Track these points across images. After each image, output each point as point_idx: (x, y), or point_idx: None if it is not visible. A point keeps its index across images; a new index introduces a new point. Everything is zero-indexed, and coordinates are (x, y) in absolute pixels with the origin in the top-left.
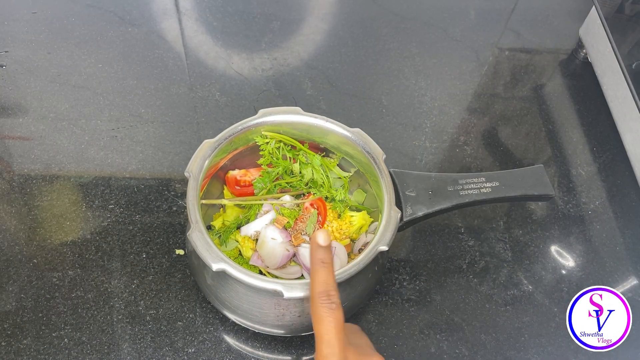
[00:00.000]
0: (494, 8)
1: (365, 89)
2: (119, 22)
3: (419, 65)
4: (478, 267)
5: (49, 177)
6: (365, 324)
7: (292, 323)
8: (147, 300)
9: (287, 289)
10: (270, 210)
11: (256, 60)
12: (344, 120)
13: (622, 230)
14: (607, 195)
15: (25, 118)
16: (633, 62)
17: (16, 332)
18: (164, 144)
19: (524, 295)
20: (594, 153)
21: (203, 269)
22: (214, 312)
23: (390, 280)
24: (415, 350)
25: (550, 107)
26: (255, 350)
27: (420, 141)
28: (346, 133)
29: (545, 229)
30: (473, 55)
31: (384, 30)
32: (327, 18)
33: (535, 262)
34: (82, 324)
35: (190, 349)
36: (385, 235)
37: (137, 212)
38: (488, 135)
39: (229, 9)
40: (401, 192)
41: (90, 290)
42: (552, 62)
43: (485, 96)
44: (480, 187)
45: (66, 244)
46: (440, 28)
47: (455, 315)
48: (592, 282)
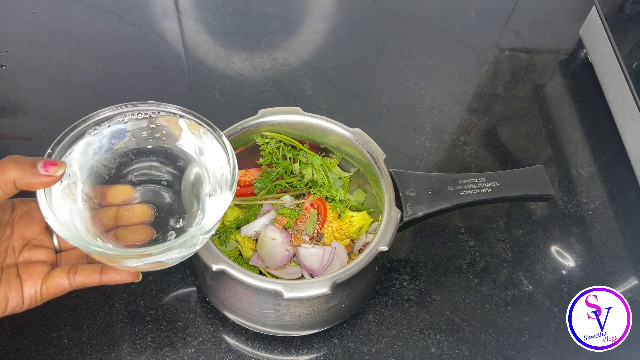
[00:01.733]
0: (494, 8)
1: (365, 89)
2: (119, 22)
3: (419, 65)
4: (478, 267)
5: None
6: (365, 324)
7: (292, 323)
8: (147, 300)
9: (287, 289)
10: (270, 210)
11: (256, 60)
12: (344, 120)
13: (622, 230)
14: (607, 195)
15: (25, 118)
16: (633, 62)
17: (16, 332)
18: None
19: (524, 296)
20: (594, 153)
21: (203, 269)
22: (214, 312)
23: (390, 280)
24: (415, 350)
25: (550, 107)
26: (255, 350)
27: (420, 141)
28: (346, 133)
29: (546, 229)
30: (473, 55)
31: (384, 30)
32: (327, 18)
33: (535, 262)
34: (82, 324)
35: (190, 349)
36: (385, 236)
37: None
38: (488, 135)
39: (229, 9)
40: (401, 192)
41: (90, 290)
42: (552, 62)
43: (485, 96)
44: (480, 187)
45: None
46: (440, 28)
47: (456, 316)
48: (592, 282)
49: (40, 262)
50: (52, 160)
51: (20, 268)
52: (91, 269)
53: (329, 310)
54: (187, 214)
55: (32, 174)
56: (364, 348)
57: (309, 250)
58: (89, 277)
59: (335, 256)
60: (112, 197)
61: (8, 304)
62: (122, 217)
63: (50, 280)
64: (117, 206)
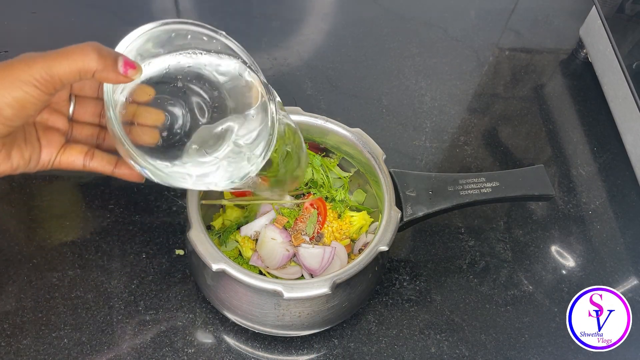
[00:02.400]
0: (494, 8)
1: (365, 89)
2: (119, 22)
3: (419, 65)
4: (478, 267)
5: (49, 177)
6: (365, 324)
7: (292, 323)
8: (147, 301)
9: (287, 289)
10: (270, 210)
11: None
12: (344, 120)
13: (622, 230)
14: (607, 195)
15: None
16: (633, 62)
17: (16, 332)
18: None
19: (524, 296)
20: (594, 153)
21: (203, 269)
22: (214, 312)
23: (390, 280)
24: (415, 350)
25: (550, 107)
26: (255, 350)
27: (420, 141)
28: (346, 133)
29: (546, 229)
30: (473, 55)
31: (384, 30)
32: (327, 18)
33: (535, 262)
34: (82, 324)
35: (190, 349)
36: (385, 236)
37: (137, 212)
38: (488, 135)
39: (228, 9)
40: (401, 192)
41: (90, 290)
42: (552, 62)
43: (486, 96)
44: (480, 187)
45: (66, 244)
46: (440, 28)
47: (456, 316)
48: (592, 282)
49: (56, 129)
50: (132, 62)
51: (39, 132)
52: (108, 159)
53: (329, 310)
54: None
55: (113, 72)
56: (364, 348)
57: (309, 250)
58: (103, 166)
59: (335, 256)
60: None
61: (29, 163)
62: (139, 116)
63: (67, 155)
64: (138, 104)
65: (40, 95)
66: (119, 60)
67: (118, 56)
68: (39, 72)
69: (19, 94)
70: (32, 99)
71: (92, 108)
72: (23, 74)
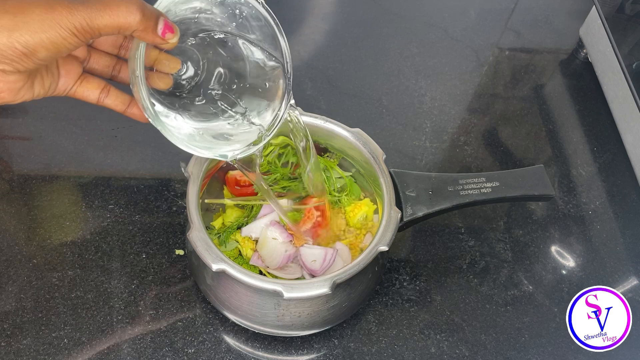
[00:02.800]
0: (494, 8)
1: (365, 89)
2: None
3: (419, 65)
4: (478, 268)
5: (49, 177)
6: (365, 324)
7: (292, 323)
8: (146, 301)
9: (287, 289)
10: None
11: None
12: (344, 120)
13: (622, 230)
14: (607, 195)
15: (25, 118)
16: (633, 62)
17: (16, 333)
18: (163, 144)
19: (524, 296)
20: (594, 153)
21: (203, 269)
22: (214, 312)
23: (390, 280)
24: (415, 350)
25: (550, 107)
26: (255, 350)
27: (420, 141)
28: (346, 133)
29: (546, 229)
30: (473, 55)
31: (384, 30)
32: (327, 18)
33: (535, 262)
34: (82, 324)
35: (190, 349)
36: (385, 236)
37: (137, 212)
38: (488, 135)
39: None
40: (401, 192)
41: (90, 290)
42: (552, 62)
43: (486, 96)
44: (480, 187)
45: (66, 244)
46: (440, 28)
47: (456, 316)
48: (593, 282)
49: (75, 57)
50: (171, 25)
51: (59, 60)
52: (122, 98)
53: (329, 310)
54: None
55: (152, 33)
56: (364, 348)
57: (310, 251)
58: (117, 104)
59: (338, 257)
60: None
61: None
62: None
63: (83, 87)
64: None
65: (76, 42)
66: (159, 23)
67: (159, 17)
68: (79, 21)
69: (56, 38)
70: (68, 44)
71: (112, 38)
72: (63, 19)
